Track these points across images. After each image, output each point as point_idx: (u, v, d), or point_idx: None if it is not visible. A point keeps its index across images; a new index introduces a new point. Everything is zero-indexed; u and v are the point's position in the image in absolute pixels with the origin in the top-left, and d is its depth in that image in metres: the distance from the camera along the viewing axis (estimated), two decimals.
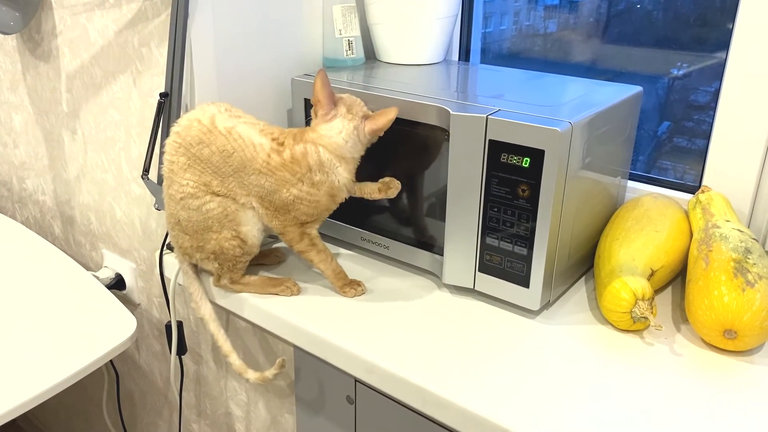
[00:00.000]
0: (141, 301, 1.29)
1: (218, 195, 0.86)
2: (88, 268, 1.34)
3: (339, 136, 0.86)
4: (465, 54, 1.26)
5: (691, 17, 1.05)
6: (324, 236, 0.93)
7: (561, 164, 0.80)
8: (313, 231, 0.91)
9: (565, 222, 0.86)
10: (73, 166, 1.31)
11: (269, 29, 1.04)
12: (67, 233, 1.42)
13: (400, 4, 1.08)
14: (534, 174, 0.80)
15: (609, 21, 1.14)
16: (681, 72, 1.09)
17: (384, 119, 0.86)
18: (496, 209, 0.85)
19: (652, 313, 0.81)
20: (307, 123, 1.01)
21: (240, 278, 0.94)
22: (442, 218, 0.91)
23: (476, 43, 1.29)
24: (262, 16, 1.03)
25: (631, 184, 1.07)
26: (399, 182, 0.92)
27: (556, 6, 1.19)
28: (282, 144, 0.86)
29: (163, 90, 0.98)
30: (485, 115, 0.83)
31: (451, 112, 0.85)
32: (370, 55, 1.16)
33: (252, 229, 0.90)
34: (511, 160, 0.82)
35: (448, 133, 0.86)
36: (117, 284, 1.29)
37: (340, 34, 1.10)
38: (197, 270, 0.97)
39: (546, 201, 0.81)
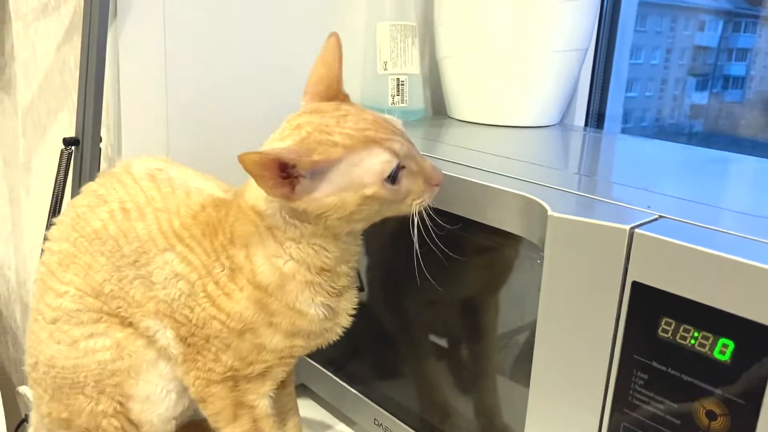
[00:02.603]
0: None
1: (119, 324, 0.49)
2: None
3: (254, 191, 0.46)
4: (596, 120, 0.79)
5: None
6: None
7: None
8: (260, 402, 0.48)
9: None
10: (29, 235, 0.96)
11: (268, 52, 0.64)
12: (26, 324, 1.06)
13: (492, 27, 0.63)
14: (743, 376, 0.32)
15: None
16: None
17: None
18: None
19: None
20: None
21: None
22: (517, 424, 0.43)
23: (616, 107, 0.82)
24: (255, 26, 0.62)
25: None
26: None
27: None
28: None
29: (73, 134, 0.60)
30: (628, 227, 0.36)
31: (548, 212, 0.39)
32: (440, 108, 0.72)
33: (153, 409, 0.48)
34: (684, 339, 0.35)
35: (534, 248, 0.40)
36: None
37: (385, 69, 0.67)
38: None
39: None
